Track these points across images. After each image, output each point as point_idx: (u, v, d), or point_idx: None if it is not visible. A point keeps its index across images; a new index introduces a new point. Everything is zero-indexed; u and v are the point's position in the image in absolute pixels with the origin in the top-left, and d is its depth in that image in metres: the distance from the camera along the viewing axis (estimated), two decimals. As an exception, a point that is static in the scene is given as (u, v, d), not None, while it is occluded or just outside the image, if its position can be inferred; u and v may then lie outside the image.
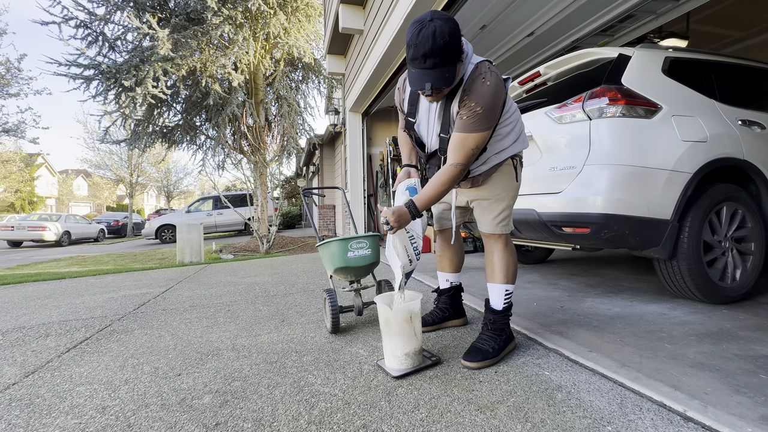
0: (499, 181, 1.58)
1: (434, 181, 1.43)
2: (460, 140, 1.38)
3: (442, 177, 1.41)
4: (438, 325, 1.93)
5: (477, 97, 1.33)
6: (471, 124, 1.35)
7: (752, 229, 2.21)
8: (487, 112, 1.34)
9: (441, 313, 1.95)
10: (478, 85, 1.34)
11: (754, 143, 2.25)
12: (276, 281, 3.60)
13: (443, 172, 1.41)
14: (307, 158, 14.45)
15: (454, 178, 1.41)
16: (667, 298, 2.33)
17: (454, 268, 1.92)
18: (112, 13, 7.13)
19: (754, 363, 1.42)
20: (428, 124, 1.54)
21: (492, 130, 1.42)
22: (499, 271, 1.59)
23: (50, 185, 33.28)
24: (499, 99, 1.37)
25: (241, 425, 1.16)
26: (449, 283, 1.94)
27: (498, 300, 1.60)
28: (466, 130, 1.36)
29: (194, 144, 8.78)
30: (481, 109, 1.33)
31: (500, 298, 1.59)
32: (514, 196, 1.61)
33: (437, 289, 2.00)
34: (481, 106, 1.32)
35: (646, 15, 3.83)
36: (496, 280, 1.60)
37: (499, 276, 1.59)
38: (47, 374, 1.61)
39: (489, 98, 1.33)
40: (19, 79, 13.95)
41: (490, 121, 1.38)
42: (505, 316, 1.59)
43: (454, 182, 1.42)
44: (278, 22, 7.85)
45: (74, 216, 15.86)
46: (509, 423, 1.11)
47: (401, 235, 1.60)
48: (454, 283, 1.95)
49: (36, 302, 3.11)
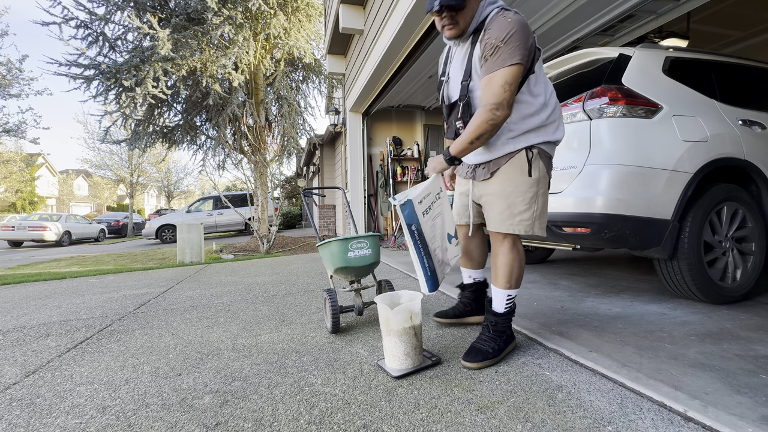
0: (507, 174, 1.49)
1: (467, 127, 1.39)
2: (486, 81, 1.34)
3: (474, 121, 1.36)
4: (459, 320, 1.90)
5: (497, 31, 1.31)
6: (494, 60, 1.32)
7: (753, 229, 2.21)
8: (509, 44, 1.29)
9: (463, 307, 1.92)
10: (498, 21, 1.33)
11: (754, 143, 2.25)
12: (276, 281, 3.60)
13: (475, 115, 1.36)
14: (308, 158, 14.46)
15: (485, 120, 1.33)
16: (667, 298, 2.33)
17: (475, 264, 1.88)
18: (112, 13, 7.15)
19: (754, 363, 1.42)
20: (455, 76, 1.51)
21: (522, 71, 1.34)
22: (503, 275, 1.51)
23: (51, 185, 33.30)
24: (522, 34, 1.31)
25: (242, 425, 1.16)
26: (472, 279, 1.91)
27: (500, 304, 1.55)
28: (491, 70, 1.32)
29: (194, 144, 8.79)
30: (501, 42, 1.30)
31: (502, 302, 1.54)
32: (524, 192, 1.47)
33: (461, 284, 1.98)
34: (502, 39, 1.30)
35: (646, 15, 3.82)
36: (498, 285, 1.53)
37: (501, 280, 1.52)
38: (48, 374, 1.61)
39: (509, 30, 1.29)
40: (20, 79, 13.98)
41: (515, 56, 1.30)
42: (507, 319, 1.55)
43: (486, 126, 1.34)
44: (278, 22, 7.86)
45: (75, 216, 15.87)
46: (509, 423, 1.11)
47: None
48: (477, 279, 1.91)
49: (36, 302, 3.11)
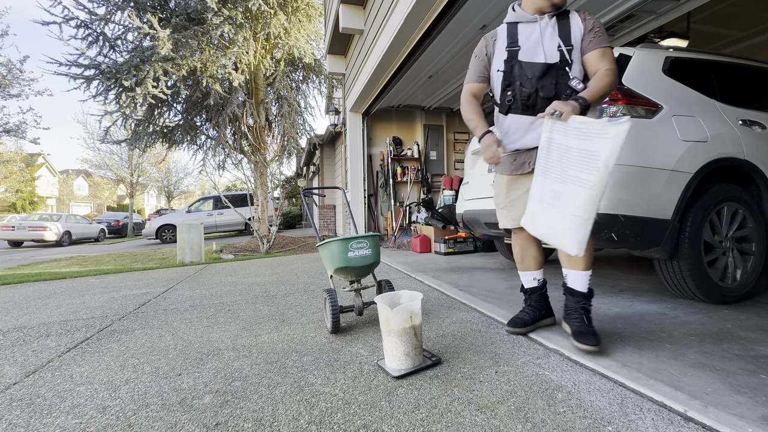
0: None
1: (599, 82, 1.54)
2: (604, 52, 1.58)
3: (606, 79, 1.55)
4: (534, 325, 1.85)
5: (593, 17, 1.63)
6: (603, 38, 1.60)
7: (753, 229, 2.20)
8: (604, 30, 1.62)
9: (535, 312, 1.87)
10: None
11: (754, 143, 2.25)
12: (276, 281, 3.60)
13: (606, 75, 1.55)
14: (308, 158, 14.46)
15: (614, 81, 1.57)
16: (667, 298, 2.33)
17: (539, 265, 1.87)
18: (112, 13, 7.15)
19: (754, 363, 1.42)
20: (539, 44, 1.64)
21: None
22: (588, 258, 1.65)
23: (51, 185, 33.30)
24: None
25: (242, 425, 1.16)
26: (537, 281, 1.87)
27: (585, 284, 1.67)
28: (604, 44, 1.59)
29: (195, 144, 8.79)
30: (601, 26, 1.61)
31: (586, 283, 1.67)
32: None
33: (524, 289, 1.92)
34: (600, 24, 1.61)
35: (646, 15, 3.82)
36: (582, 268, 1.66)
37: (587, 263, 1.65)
38: (48, 374, 1.61)
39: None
40: (21, 80, 13.98)
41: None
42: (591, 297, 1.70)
43: (614, 85, 1.58)
44: (278, 22, 7.86)
45: (75, 216, 15.86)
46: (509, 423, 1.11)
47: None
48: (541, 281, 1.89)
49: (37, 302, 3.11)
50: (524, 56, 1.65)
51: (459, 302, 2.48)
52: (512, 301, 2.43)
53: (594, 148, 1.35)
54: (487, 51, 1.76)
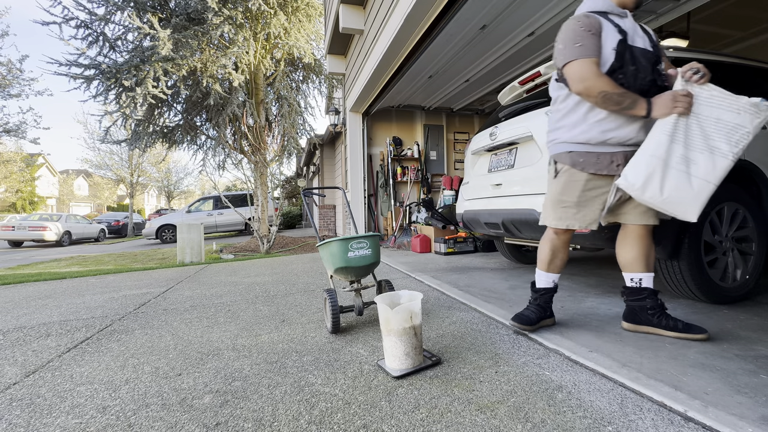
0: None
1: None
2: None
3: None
4: (538, 324, 1.88)
5: None
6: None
7: (753, 229, 2.20)
8: None
9: (541, 312, 1.89)
10: None
11: (755, 143, 2.24)
12: (276, 281, 3.60)
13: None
14: (308, 158, 14.46)
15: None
16: (667, 298, 2.33)
17: (561, 268, 1.90)
18: (112, 13, 7.15)
19: (755, 363, 1.42)
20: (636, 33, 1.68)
21: None
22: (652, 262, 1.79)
23: (51, 185, 33.29)
24: None
25: (242, 425, 1.16)
26: (553, 283, 1.90)
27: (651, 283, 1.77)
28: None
29: (195, 144, 8.79)
30: None
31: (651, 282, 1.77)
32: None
33: (536, 288, 1.93)
34: None
35: (646, 15, 3.82)
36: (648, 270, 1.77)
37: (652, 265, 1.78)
38: (48, 374, 1.62)
39: None
40: (21, 80, 13.98)
41: None
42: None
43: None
44: (278, 22, 7.86)
45: (75, 216, 15.86)
46: (509, 423, 1.11)
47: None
48: (556, 283, 1.92)
49: (37, 302, 3.11)
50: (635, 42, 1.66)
51: (459, 302, 2.48)
52: (512, 301, 2.43)
53: (743, 123, 1.45)
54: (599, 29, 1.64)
